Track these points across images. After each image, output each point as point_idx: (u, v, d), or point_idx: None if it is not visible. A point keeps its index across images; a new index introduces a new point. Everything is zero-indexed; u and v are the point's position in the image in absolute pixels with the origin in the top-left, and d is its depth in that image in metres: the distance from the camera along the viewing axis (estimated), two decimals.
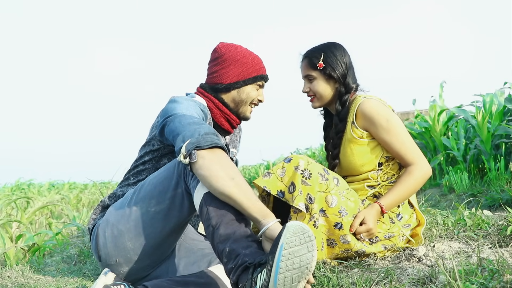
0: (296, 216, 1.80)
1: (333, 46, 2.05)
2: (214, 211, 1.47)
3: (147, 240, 1.67)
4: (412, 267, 1.72)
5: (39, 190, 10.45)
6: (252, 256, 1.34)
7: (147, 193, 1.68)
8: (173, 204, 1.64)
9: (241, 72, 1.97)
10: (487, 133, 4.57)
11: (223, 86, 1.97)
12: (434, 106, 5.60)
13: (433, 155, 5.62)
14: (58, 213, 6.80)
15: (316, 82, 2.03)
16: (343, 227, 1.81)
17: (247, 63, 1.98)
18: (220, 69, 1.98)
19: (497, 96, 4.84)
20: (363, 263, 1.84)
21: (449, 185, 4.58)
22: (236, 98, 1.99)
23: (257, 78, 2.00)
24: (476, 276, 1.42)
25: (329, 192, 1.81)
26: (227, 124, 2.01)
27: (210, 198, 1.49)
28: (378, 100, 1.98)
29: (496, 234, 1.98)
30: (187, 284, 1.63)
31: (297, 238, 1.26)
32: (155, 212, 1.65)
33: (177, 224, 1.67)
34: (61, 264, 2.58)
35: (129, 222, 1.68)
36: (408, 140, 1.94)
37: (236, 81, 1.97)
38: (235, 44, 2.02)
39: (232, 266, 1.36)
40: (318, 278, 1.66)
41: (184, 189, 1.62)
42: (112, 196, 1.88)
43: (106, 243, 1.72)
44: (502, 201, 3.28)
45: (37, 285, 1.98)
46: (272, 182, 1.83)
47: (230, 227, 1.43)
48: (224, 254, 1.39)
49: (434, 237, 2.05)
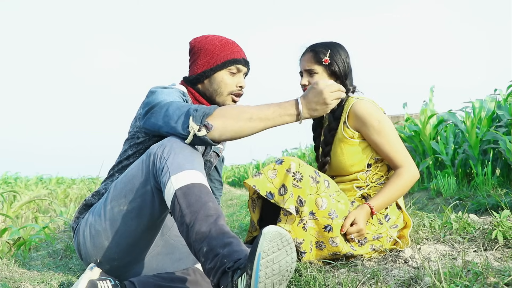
0: (286, 219, 1.80)
1: (338, 45, 2.05)
2: (187, 208, 1.44)
3: (123, 239, 1.66)
4: (398, 269, 1.73)
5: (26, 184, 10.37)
6: (230, 257, 1.32)
7: (118, 192, 1.66)
8: (144, 202, 1.62)
9: (209, 60, 1.90)
10: (475, 139, 4.61)
11: (194, 77, 1.93)
12: (424, 110, 5.65)
13: (422, 158, 5.66)
14: (45, 207, 6.75)
15: (318, 77, 2.01)
16: (332, 229, 1.82)
17: (214, 50, 1.90)
18: (192, 62, 1.96)
19: (487, 102, 4.89)
20: (349, 264, 1.85)
21: (437, 189, 4.61)
22: (209, 88, 1.92)
23: (226, 63, 1.89)
24: (461, 279, 1.43)
25: (319, 195, 1.82)
26: None
27: (182, 195, 1.46)
28: (370, 101, 1.99)
29: (481, 237, 2.00)
30: (173, 280, 1.63)
31: (274, 244, 1.24)
32: (127, 211, 1.64)
33: (151, 221, 1.65)
34: (47, 258, 2.56)
35: (105, 222, 1.67)
36: (398, 143, 1.95)
37: (203, 70, 1.90)
38: (207, 35, 1.95)
39: (211, 267, 1.34)
40: (305, 278, 1.66)
41: (154, 185, 1.59)
42: (96, 194, 1.85)
43: (85, 243, 1.72)
44: (488, 206, 3.32)
45: (22, 278, 1.97)
46: (262, 183, 1.83)
47: (205, 224, 1.40)
48: (202, 253, 1.37)
49: (421, 240, 2.07)
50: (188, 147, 1.59)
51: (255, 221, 1.97)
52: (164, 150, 1.57)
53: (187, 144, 1.60)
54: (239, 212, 4.39)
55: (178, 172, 1.51)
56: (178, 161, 1.53)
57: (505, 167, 4.35)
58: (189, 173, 1.51)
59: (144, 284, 1.59)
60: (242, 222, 3.42)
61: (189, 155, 1.57)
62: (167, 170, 1.52)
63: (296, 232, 1.80)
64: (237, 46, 1.95)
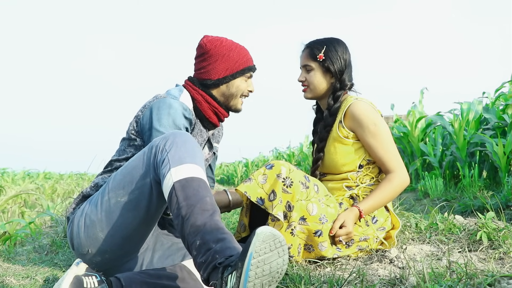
0: (273, 224, 1.80)
1: (335, 41, 2.06)
2: (184, 200, 1.44)
3: (118, 231, 1.66)
4: (383, 268, 1.74)
5: (13, 179, 10.27)
6: (222, 253, 1.32)
7: (117, 183, 1.66)
8: (142, 195, 1.62)
9: (229, 66, 1.97)
10: (463, 141, 4.65)
11: (212, 82, 1.98)
12: (413, 112, 5.68)
13: (410, 160, 5.70)
14: (32, 202, 6.69)
15: (313, 73, 2.04)
16: (322, 234, 1.82)
17: (234, 56, 1.98)
18: (208, 64, 1.98)
19: (474, 105, 4.93)
20: (335, 263, 1.86)
21: (424, 190, 4.65)
22: (226, 93, 2.00)
23: (245, 70, 2.00)
24: (445, 279, 1.44)
25: (310, 200, 1.82)
26: (214, 117, 2.01)
27: (180, 187, 1.47)
28: (368, 103, 2.00)
29: (466, 238, 2.02)
30: (160, 277, 1.62)
31: (267, 245, 1.24)
32: (124, 203, 1.63)
33: (147, 214, 1.65)
34: (33, 253, 2.54)
35: (101, 213, 1.67)
36: (392, 148, 1.96)
37: (224, 76, 1.97)
38: (220, 37, 2.01)
39: (202, 261, 1.34)
40: (290, 276, 1.67)
41: (153, 178, 1.59)
42: (94, 186, 1.85)
43: (79, 233, 1.70)
44: (474, 208, 3.35)
45: (6, 273, 1.95)
46: (253, 188, 1.83)
47: (201, 218, 1.41)
48: (194, 246, 1.37)
49: (407, 240, 2.09)
50: (190, 142, 1.60)
51: (246, 224, 1.97)
52: (166, 143, 1.58)
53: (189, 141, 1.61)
54: None
55: (178, 165, 1.51)
56: (179, 154, 1.54)
57: (491, 169, 4.39)
58: (189, 167, 1.52)
59: (130, 280, 1.58)
60: (229, 220, 3.43)
61: (191, 150, 1.57)
62: (167, 162, 1.53)
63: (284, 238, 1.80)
64: (248, 52, 2.05)
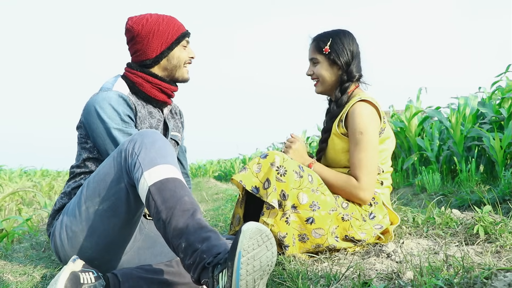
0: (268, 213, 1.81)
1: (342, 33, 2.06)
2: (162, 204, 1.42)
3: (102, 238, 1.65)
4: (381, 263, 1.74)
5: (10, 176, 10.25)
6: (209, 252, 1.31)
7: (92, 191, 1.64)
8: (119, 200, 1.60)
9: (163, 40, 1.93)
10: (460, 135, 4.66)
11: (151, 60, 1.94)
12: (410, 106, 5.69)
13: (407, 155, 5.71)
14: (30, 200, 6.69)
15: (320, 66, 2.05)
16: (314, 221, 1.82)
17: (164, 29, 1.93)
18: (141, 46, 1.93)
19: (471, 100, 4.94)
20: (333, 258, 1.86)
21: (422, 185, 4.66)
22: (168, 66, 1.96)
23: (180, 39, 1.96)
24: (442, 273, 1.45)
25: (302, 189, 1.82)
26: (161, 94, 1.97)
27: (156, 191, 1.44)
28: (371, 108, 1.95)
29: (463, 232, 2.02)
30: (157, 272, 1.62)
31: (254, 241, 1.24)
32: (103, 210, 1.62)
33: (128, 218, 1.64)
34: (30, 250, 2.54)
35: (81, 223, 1.66)
36: (368, 162, 1.91)
37: (161, 51, 1.93)
38: (144, 15, 1.96)
39: (191, 263, 1.33)
40: (288, 271, 1.67)
41: (127, 182, 1.57)
42: (63, 195, 1.85)
43: (63, 245, 1.71)
44: (471, 202, 3.36)
45: (3, 271, 1.95)
46: (248, 177, 1.83)
47: (182, 220, 1.39)
48: (180, 249, 1.36)
49: (404, 234, 2.09)
50: (159, 141, 1.57)
51: (241, 216, 1.97)
52: (135, 146, 1.55)
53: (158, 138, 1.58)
54: (224, 206, 4.39)
55: (150, 168, 1.48)
56: (150, 156, 1.51)
57: (488, 163, 4.40)
58: (162, 168, 1.49)
59: (127, 276, 1.58)
60: (227, 216, 3.43)
61: (161, 149, 1.54)
62: (139, 166, 1.50)
63: (279, 226, 1.80)
64: (177, 20, 2.00)
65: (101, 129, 1.80)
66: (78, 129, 1.91)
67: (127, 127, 1.82)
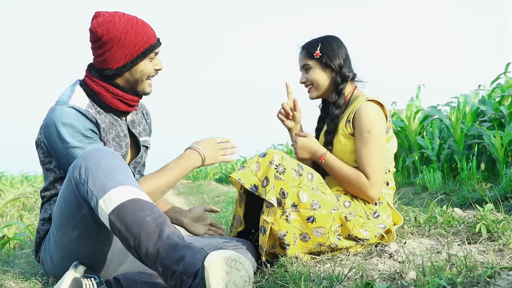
0: (268, 211, 1.80)
1: (330, 38, 2.10)
2: (127, 231, 1.41)
3: (88, 260, 1.64)
4: (383, 263, 1.74)
5: (11, 182, 10.25)
6: (187, 273, 1.32)
7: (58, 222, 1.62)
8: (88, 224, 1.57)
9: (127, 52, 1.78)
10: (460, 134, 4.66)
11: (112, 72, 1.81)
12: (410, 105, 5.68)
13: (407, 154, 5.70)
14: (31, 205, 6.68)
15: (313, 71, 2.07)
16: (315, 220, 1.82)
17: (131, 39, 1.77)
18: (103, 52, 1.79)
19: (471, 98, 4.94)
20: (335, 259, 1.86)
21: (423, 184, 4.65)
22: (130, 79, 1.84)
23: (147, 52, 1.82)
24: (445, 272, 1.44)
25: (301, 188, 1.82)
26: (122, 105, 1.86)
27: (117, 218, 1.43)
28: (378, 106, 1.97)
29: (465, 231, 2.02)
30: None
31: (221, 272, 1.25)
32: (76, 237, 1.60)
33: (104, 235, 1.62)
34: (31, 256, 2.53)
35: (61, 252, 1.66)
36: (376, 161, 1.92)
37: (124, 64, 1.80)
38: (112, 17, 1.79)
39: (173, 284, 1.35)
40: (290, 273, 1.67)
41: (88, 207, 1.53)
42: (43, 220, 1.83)
43: (54, 269, 1.74)
44: (473, 200, 3.35)
45: (5, 277, 1.94)
46: (247, 176, 1.84)
47: (151, 244, 1.39)
48: (159, 273, 1.38)
49: (406, 234, 2.08)
50: (104, 160, 1.51)
51: (241, 216, 1.97)
52: (80, 172, 1.50)
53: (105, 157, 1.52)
54: (225, 208, 4.39)
55: (103, 195, 1.45)
56: (99, 181, 1.47)
57: (489, 161, 4.40)
58: (115, 192, 1.45)
59: (130, 281, 1.58)
60: (228, 219, 3.42)
61: (108, 170, 1.49)
62: (92, 194, 1.47)
63: (279, 224, 1.80)
64: (149, 27, 1.85)
65: (63, 149, 1.73)
66: (38, 147, 1.83)
67: (91, 142, 1.74)
